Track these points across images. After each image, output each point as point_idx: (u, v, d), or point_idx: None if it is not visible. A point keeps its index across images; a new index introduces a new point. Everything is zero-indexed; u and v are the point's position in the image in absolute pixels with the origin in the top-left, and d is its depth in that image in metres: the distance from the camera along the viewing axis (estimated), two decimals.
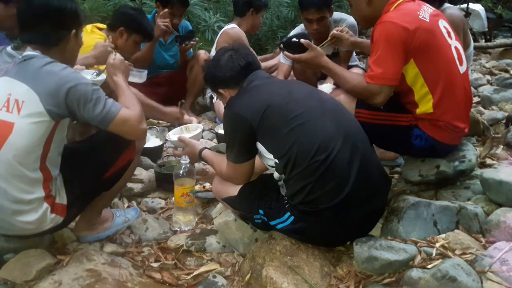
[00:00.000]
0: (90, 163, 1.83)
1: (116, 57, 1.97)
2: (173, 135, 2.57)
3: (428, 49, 1.98)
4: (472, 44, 2.81)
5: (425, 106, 2.04)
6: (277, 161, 1.71)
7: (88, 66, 2.41)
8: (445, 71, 2.02)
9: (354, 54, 3.34)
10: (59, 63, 1.69)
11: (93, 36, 2.84)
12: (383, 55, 1.96)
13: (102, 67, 2.17)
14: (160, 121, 3.55)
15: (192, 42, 3.63)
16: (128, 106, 1.77)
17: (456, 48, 2.11)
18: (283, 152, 1.67)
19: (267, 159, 1.76)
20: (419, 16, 2.01)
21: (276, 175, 1.77)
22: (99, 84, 2.07)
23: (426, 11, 2.06)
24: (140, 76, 2.95)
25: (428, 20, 2.02)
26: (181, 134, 2.46)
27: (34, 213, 1.68)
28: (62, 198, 1.75)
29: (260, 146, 1.75)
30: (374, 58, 1.99)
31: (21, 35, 1.75)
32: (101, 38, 2.85)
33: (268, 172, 1.90)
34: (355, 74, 2.23)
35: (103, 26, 3.04)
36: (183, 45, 3.62)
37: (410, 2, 2.08)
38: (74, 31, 1.75)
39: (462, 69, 2.10)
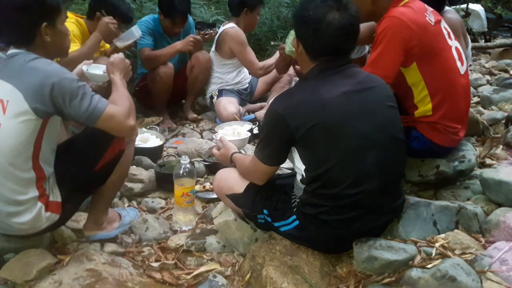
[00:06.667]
0: (78, 157, 1.82)
1: (116, 56, 1.96)
2: (220, 130, 2.95)
3: (431, 53, 1.99)
4: (470, 45, 2.82)
5: (424, 107, 2.05)
6: (305, 174, 1.64)
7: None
8: (447, 75, 2.03)
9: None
10: (45, 59, 1.66)
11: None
12: (382, 52, 1.97)
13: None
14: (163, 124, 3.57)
15: (211, 31, 3.62)
16: (116, 103, 1.75)
17: (456, 48, 2.12)
18: (315, 172, 1.59)
19: (296, 164, 1.69)
20: (426, 18, 2.01)
21: (299, 177, 1.70)
22: (105, 79, 2.05)
23: (431, 13, 2.07)
24: (132, 34, 3.00)
25: (433, 23, 2.03)
26: (228, 135, 2.74)
27: (28, 213, 1.67)
28: (56, 196, 1.75)
29: (294, 151, 1.66)
30: (374, 57, 2.00)
31: (0, 38, 1.72)
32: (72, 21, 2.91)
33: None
34: None
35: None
36: (202, 32, 3.60)
37: (417, 1, 2.08)
38: (45, 24, 1.68)
39: (462, 69, 2.11)
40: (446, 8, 2.79)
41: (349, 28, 1.63)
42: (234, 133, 2.94)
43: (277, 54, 3.72)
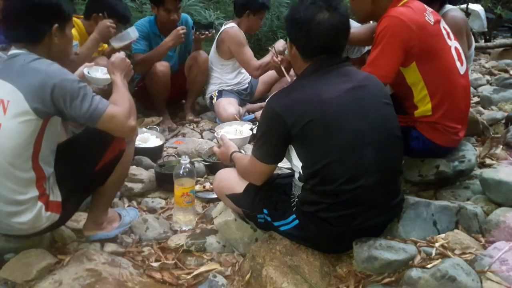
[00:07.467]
0: (78, 157, 1.82)
1: (117, 56, 1.96)
2: (221, 129, 2.98)
3: (430, 53, 1.99)
4: (474, 45, 2.81)
5: (424, 107, 2.05)
6: (303, 171, 1.64)
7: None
8: (446, 75, 2.03)
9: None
10: (46, 59, 1.66)
11: None
12: (382, 52, 1.97)
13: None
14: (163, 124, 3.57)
15: (207, 32, 3.57)
16: (116, 103, 1.75)
17: (456, 48, 2.12)
18: (312, 168, 1.60)
19: (294, 162, 1.69)
20: (425, 17, 2.01)
21: (297, 175, 1.71)
22: (107, 82, 2.07)
23: (430, 13, 2.07)
24: (128, 35, 3.02)
25: (432, 23, 2.03)
26: (230, 134, 2.81)
27: (29, 213, 1.68)
28: (56, 195, 1.75)
29: (292, 149, 1.67)
30: (373, 56, 2.00)
31: (6, 33, 1.74)
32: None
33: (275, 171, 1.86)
34: None
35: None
36: (198, 33, 3.56)
37: (416, 1, 2.08)
38: (56, 25, 1.71)
39: (462, 69, 2.11)
40: (450, 6, 2.78)
41: (340, 27, 1.66)
42: (236, 131, 2.95)
43: (271, 52, 3.71)
